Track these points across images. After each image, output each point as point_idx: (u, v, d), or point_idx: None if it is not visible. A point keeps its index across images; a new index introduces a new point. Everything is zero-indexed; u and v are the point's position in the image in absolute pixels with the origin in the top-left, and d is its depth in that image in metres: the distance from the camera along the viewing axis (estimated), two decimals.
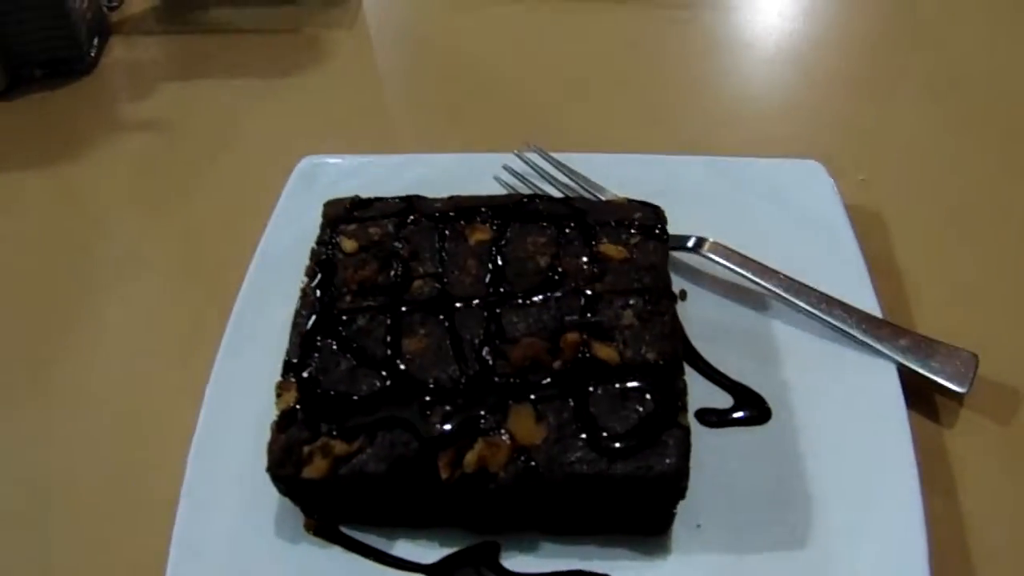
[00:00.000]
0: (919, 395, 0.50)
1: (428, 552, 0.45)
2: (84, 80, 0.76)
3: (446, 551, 0.45)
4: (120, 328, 0.58)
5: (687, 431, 0.42)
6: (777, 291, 0.53)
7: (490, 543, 0.45)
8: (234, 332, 0.52)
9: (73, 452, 0.52)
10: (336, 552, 0.45)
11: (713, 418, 0.49)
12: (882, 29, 0.80)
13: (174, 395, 0.52)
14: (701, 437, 0.46)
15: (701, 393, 0.49)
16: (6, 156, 0.70)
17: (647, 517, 0.44)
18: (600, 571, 0.44)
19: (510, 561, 0.44)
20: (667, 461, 0.41)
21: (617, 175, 0.59)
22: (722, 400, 0.50)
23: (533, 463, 0.42)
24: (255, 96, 0.74)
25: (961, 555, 0.45)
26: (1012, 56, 0.75)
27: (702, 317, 0.53)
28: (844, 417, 0.48)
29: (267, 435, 0.44)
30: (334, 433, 0.43)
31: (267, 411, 0.45)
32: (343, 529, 0.46)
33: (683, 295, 0.54)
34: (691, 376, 0.48)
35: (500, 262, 0.49)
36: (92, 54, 0.76)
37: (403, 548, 0.45)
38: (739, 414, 0.49)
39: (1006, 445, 0.49)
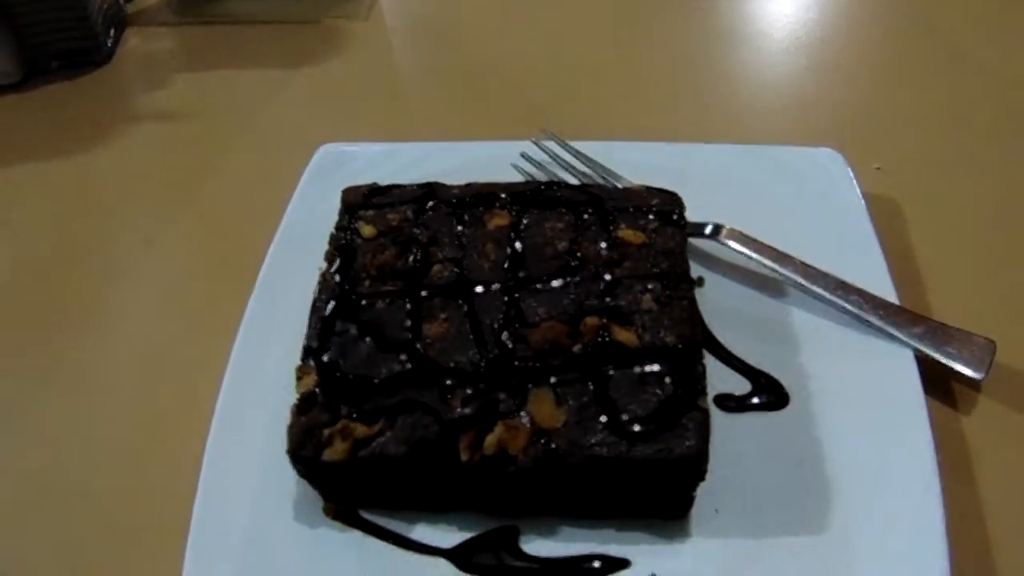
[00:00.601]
0: (936, 382, 0.50)
1: (447, 536, 0.45)
2: (100, 71, 0.76)
3: (465, 535, 0.45)
4: (139, 313, 0.58)
5: (707, 414, 0.42)
6: (794, 278, 0.53)
7: (509, 527, 0.45)
8: (253, 317, 0.52)
9: (93, 435, 0.52)
10: (355, 536, 0.45)
11: (731, 403, 0.49)
12: (897, 20, 0.80)
13: (194, 380, 0.52)
14: (719, 422, 0.46)
15: (719, 379, 0.49)
16: (24, 144, 0.70)
17: (666, 501, 0.44)
18: (619, 555, 0.44)
19: (529, 545, 0.44)
20: (687, 444, 0.41)
21: (634, 162, 0.59)
22: (740, 386, 0.50)
23: (553, 446, 0.42)
24: (271, 86, 0.74)
25: (979, 539, 0.45)
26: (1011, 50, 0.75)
27: (720, 303, 0.53)
28: (862, 402, 0.48)
29: (286, 419, 0.44)
30: (354, 416, 0.43)
31: (286, 396, 0.45)
32: (362, 513, 0.46)
33: (700, 282, 0.54)
34: (709, 362, 0.48)
35: (519, 247, 0.50)
36: (108, 45, 0.77)
37: (422, 532, 0.45)
38: (757, 399, 0.49)
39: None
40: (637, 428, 0.42)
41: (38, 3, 0.71)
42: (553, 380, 0.44)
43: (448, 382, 0.44)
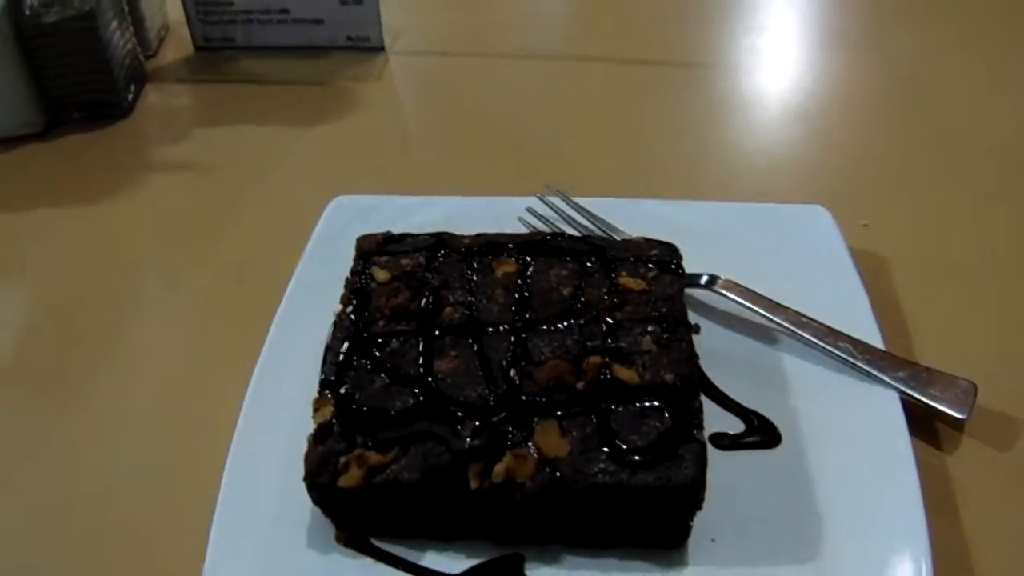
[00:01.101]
0: (921, 423, 0.52)
1: (455, 563, 0.47)
2: (120, 123, 0.79)
3: (472, 562, 0.47)
4: (158, 353, 0.61)
5: (704, 446, 0.45)
6: (786, 325, 0.56)
7: (515, 555, 0.47)
8: (270, 355, 0.55)
9: (113, 464, 0.54)
10: (366, 562, 0.47)
11: (726, 441, 0.51)
12: (882, 88, 0.85)
13: (211, 415, 0.54)
14: (714, 459, 0.48)
15: (714, 420, 0.51)
16: (45, 191, 0.73)
17: (665, 530, 0.46)
18: None
19: (534, 572, 0.46)
20: (685, 472, 0.44)
21: (634, 218, 0.62)
22: (735, 426, 0.52)
23: (558, 474, 0.44)
24: (286, 141, 0.78)
25: (964, 568, 0.47)
26: (1002, 114, 0.80)
27: (715, 349, 0.56)
28: (850, 441, 0.50)
29: (302, 450, 0.46)
30: (369, 445, 0.45)
31: (302, 428, 0.47)
32: (373, 541, 0.48)
33: (697, 329, 0.57)
34: (705, 404, 0.50)
35: (526, 292, 0.52)
36: (129, 99, 0.80)
37: (431, 559, 0.47)
38: (751, 438, 0.52)
39: (1006, 470, 0.52)
40: (637, 458, 0.44)
41: (64, 57, 0.75)
42: (558, 414, 0.46)
43: (459, 414, 0.46)
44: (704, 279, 0.58)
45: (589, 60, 0.87)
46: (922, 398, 0.52)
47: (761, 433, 0.52)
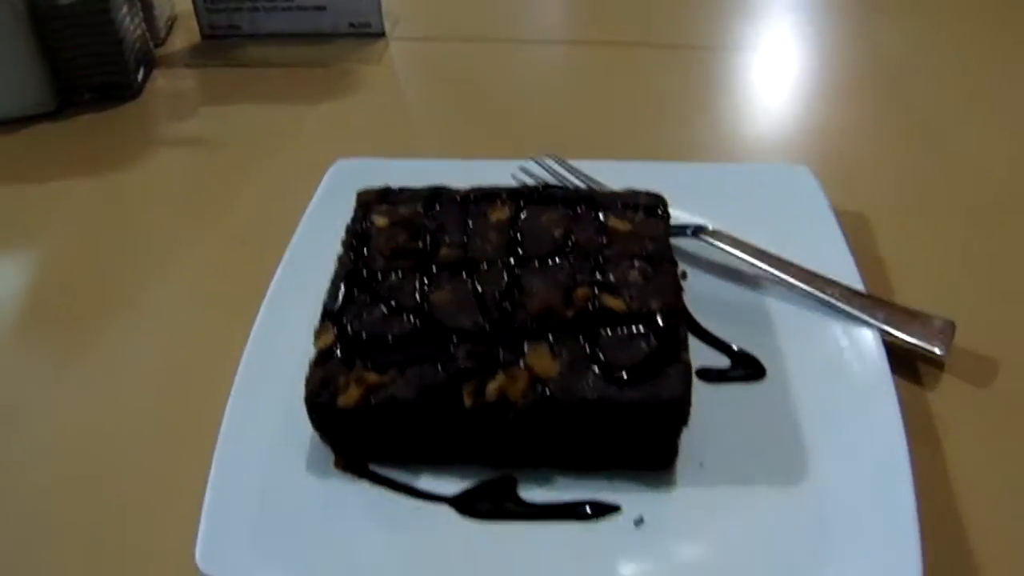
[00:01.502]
0: (902, 364, 0.54)
1: (450, 485, 0.48)
2: (129, 104, 0.82)
3: (467, 484, 0.48)
4: (164, 303, 0.63)
5: (689, 366, 0.47)
6: (770, 270, 0.58)
7: (508, 477, 0.49)
8: (273, 299, 0.57)
9: (121, 401, 0.56)
10: (363, 486, 0.48)
11: (712, 375, 0.53)
12: (860, 62, 0.89)
13: (214, 357, 0.56)
14: (701, 391, 0.49)
15: (700, 356, 0.53)
16: (57, 166, 0.76)
17: (653, 450, 0.48)
18: (610, 502, 0.47)
19: (526, 493, 0.48)
20: (671, 388, 0.45)
21: (623, 178, 0.64)
22: (720, 362, 0.54)
23: (549, 391, 0.46)
24: (288, 120, 0.80)
25: (945, 492, 0.49)
26: (977, 82, 0.84)
27: (701, 294, 0.58)
28: (833, 377, 0.52)
29: (301, 381, 0.48)
30: (368, 366, 0.47)
31: (303, 364, 0.48)
32: (370, 466, 0.49)
33: (683, 275, 0.59)
34: (690, 341, 0.52)
35: (518, 234, 0.54)
36: (139, 80, 0.83)
37: (426, 482, 0.48)
38: (736, 372, 0.53)
39: (986, 405, 0.53)
40: (625, 376, 0.46)
41: (76, 39, 0.78)
42: (549, 338, 0.48)
43: (454, 339, 0.48)
44: (691, 229, 0.60)
45: (584, 44, 0.90)
46: (902, 335, 0.54)
47: (746, 367, 0.54)
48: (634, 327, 0.48)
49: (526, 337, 0.48)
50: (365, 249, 0.54)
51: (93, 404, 0.56)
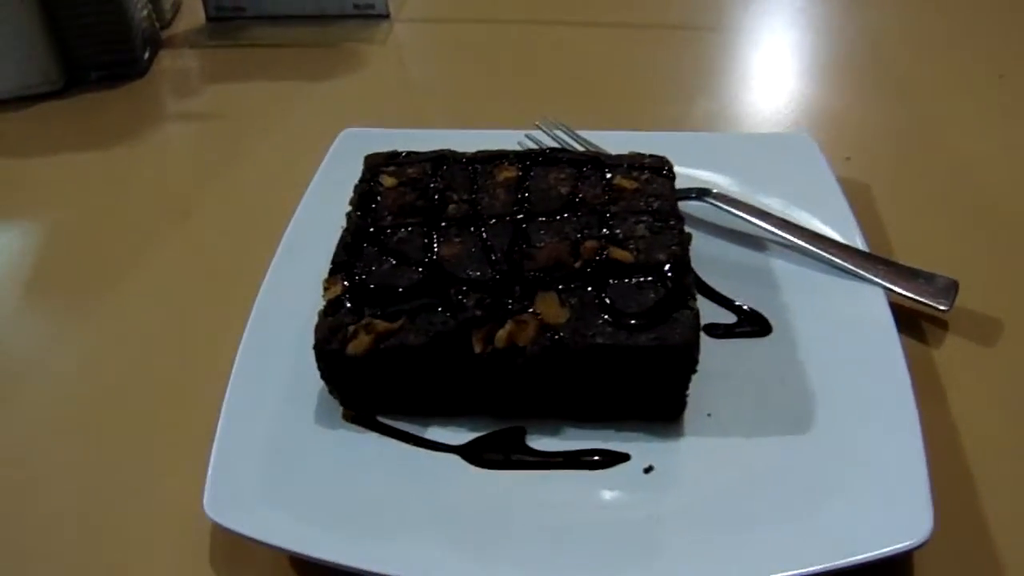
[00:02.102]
0: (907, 322, 0.54)
1: (458, 436, 0.48)
2: (136, 83, 0.83)
3: (475, 435, 0.48)
4: (174, 267, 0.64)
5: (696, 312, 0.47)
6: (774, 231, 0.58)
7: (516, 428, 0.49)
8: (281, 262, 0.57)
9: (132, 348, 0.57)
10: (372, 437, 0.49)
11: (719, 331, 0.53)
12: (854, 38, 0.90)
13: (223, 318, 0.55)
14: (708, 345, 0.50)
15: (706, 313, 0.53)
16: (64, 141, 0.77)
17: (662, 399, 0.48)
18: (619, 450, 0.47)
19: (536, 443, 0.48)
20: (679, 333, 0.46)
21: (628, 148, 0.65)
22: (727, 319, 0.54)
23: (558, 337, 0.46)
24: (293, 97, 0.81)
25: (952, 445, 0.49)
26: (974, 55, 0.86)
27: (706, 255, 0.58)
28: (839, 332, 0.52)
29: (311, 335, 0.48)
30: (378, 315, 0.47)
31: (312, 319, 0.48)
32: (379, 418, 0.49)
33: (689, 238, 0.59)
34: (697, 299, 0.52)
35: (526, 193, 0.55)
36: (145, 59, 0.84)
37: (435, 433, 0.49)
38: (743, 328, 0.54)
39: (990, 361, 0.54)
40: (634, 321, 0.46)
41: (84, 18, 0.78)
42: (558, 287, 0.48)
43: (463, 289, 0.48)
44: (695, 192, 0.61)
45: (587, 25, 0.91)
46: (906, 292, 0.54)
47: (752, 323, 0.54)
48: (642, 277, 0.49)
49: (535, 287, 0.48)
50: (373, 207, 0.55)
51: (105, 359, 0.57)
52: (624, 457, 0.47)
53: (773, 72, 0.86)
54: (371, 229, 0.53)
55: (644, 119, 0.76)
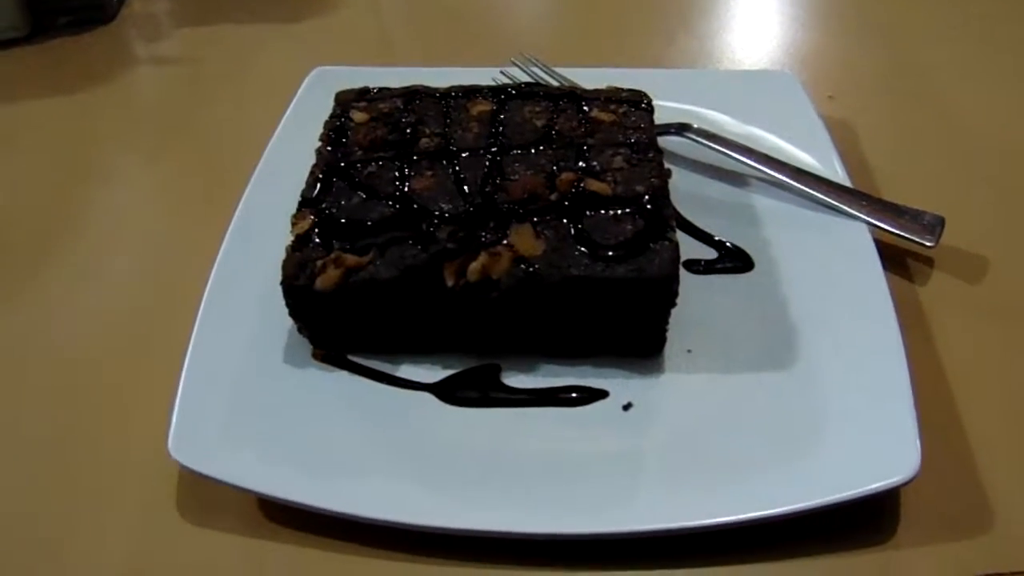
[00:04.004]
0: (892, 259, 0.53)
1: (431, 374, 0.47)
2: (104, 28, 0.80)
3: (449, 373, 0.47)
4: (140, 210, 0.63)
5: (676, 244, 0.45)
6: (756, 165, 0.57)
7: (491, 365, 0.47)
8: (250, 200, 0.55)
9: (102, 288, 0.56)
10: (343, 375, 0.47)
11: (700, 267, 0.52)
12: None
13: (191, 258, 0.54)
14: (689, 281, 0.49)
15: (687, 249, 0.51)
16: (30, 88, 0.74)
17: (641, 334, 0.47)
18: (597, 387, 0.46)
19: (511, 380, 0.47)
20: (658, 264, 0.44)
21: (606, 85, 0.63)
22: (707, 255, 0.53)
23: (533, 269, 0.44)
24: (265, 36, 0.80)
25: (939, 378, 0.48)
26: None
27: (686, 191, 0.57)
28: (822, 268, 0.51)
29: (278, 274, 0.46)
30: (347, 248, 0.46)
31: (279, 256, 0.47)
32: (349, 357, 0.48)
33: (669, 173, 0.57)
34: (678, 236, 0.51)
35: (500, 127, 0.53)
36: (113, 3, 0.81)
37: (407, 371, 0.47)
38: (724, 263, 0.52)
39: (976, 299, 0.53)
40: (611, 253, 0.45)
41: None
42: (533, 220, 0.47)
43: (435, 222, 0.47)
44: (675, 127, 0.59)
45: None
46: (891, 228, 0.53)
47: (734, 259, 0.53)
48: (619, 209, 0.47)
49: (509, 219, 0.47)
50: (344, 142, 0.53)
51: (71, 302, 0.55)
52: (602, 394, 0.46)
53: (755, 11, 0.84)
54: (341, 164, 0.51)
55: (623, 57, 0.74)
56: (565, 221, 0.46)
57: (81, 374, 0.51)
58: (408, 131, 0.53)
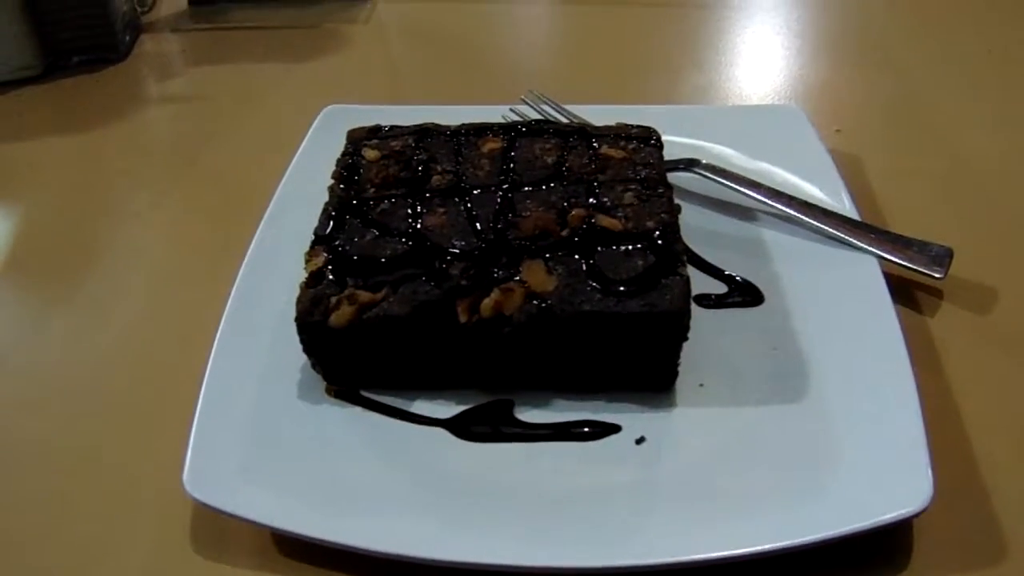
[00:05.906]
0: (900, 291, 0.54)
1: (445, 410, 0.47)
2: (117, 67, 0.82)
3: (462, 408, 0.47)
4: (152, 247, 0.63)
5: (687, 279, 0.46)
6: (765, 200, 0.57)
7: (504, 400, 0.48)
8: (263, 238, 0.56)
9: (113, 327, 0.56)
10: (356, 411, 0.47)
11: (710, 301, 0.52)
12: (850, 10, 0.90)
13: (203, 297, 0.54)
14: (699, 316, 0.48)
15: (697, 284, 0.51)
16: (45, 124, 0.75)
17: (653, 368, 0.47)
18: (610, 422, 0.46)
19: (523, 415, 0.47)
20: (669, 299, 0.44)
21: (615, 122, 0.64)
22: (718, 289, 0.53)
23: (545, 305, 0.45)
24: (275, 77, 0.81)
25: (951, 413, 0.48)
26: (952, 30, 0.85)
27: (695, 226, 0.57)
28: (832, 301, 0.51)
29: (293, 309, 0.47)
30: (360, 285, 0.46)
31: (295, 294, 0.47)
32: (363, 393, 0.48)
33: (678, 209, 0.58)
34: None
35: (511, 163, 0.54)
36: (126, 42, 0.83)
37: (420, 407, 0.47)
38: (734, 298, 0.53)
39: (986, 330, 0.53)
40: (623, 288, 0.45)
41: (66, 3, 0.77)
42: (545, 256, 0.47)
43: (448, 259, 0.47)
44: (684, 163, 0.60)
45: (572, 3, 0.89)
46: (900, 261, 0.53)
47: (744, 293, 0.53)
48: (630, 244, 0.47)
49: (521, 255, 0.47)
50: (356, 179, 0.53)
51: (86, 339, 0.56)
52: (615, 428, 0.46)
53: (762, 47, 0.85)
54: (354, 201, 0.52)
55: (632, 94, 0.75)
56: (577, 257, 0.47)
57: (96, 409, 0.51)
58: (420, 168, 0.54)
